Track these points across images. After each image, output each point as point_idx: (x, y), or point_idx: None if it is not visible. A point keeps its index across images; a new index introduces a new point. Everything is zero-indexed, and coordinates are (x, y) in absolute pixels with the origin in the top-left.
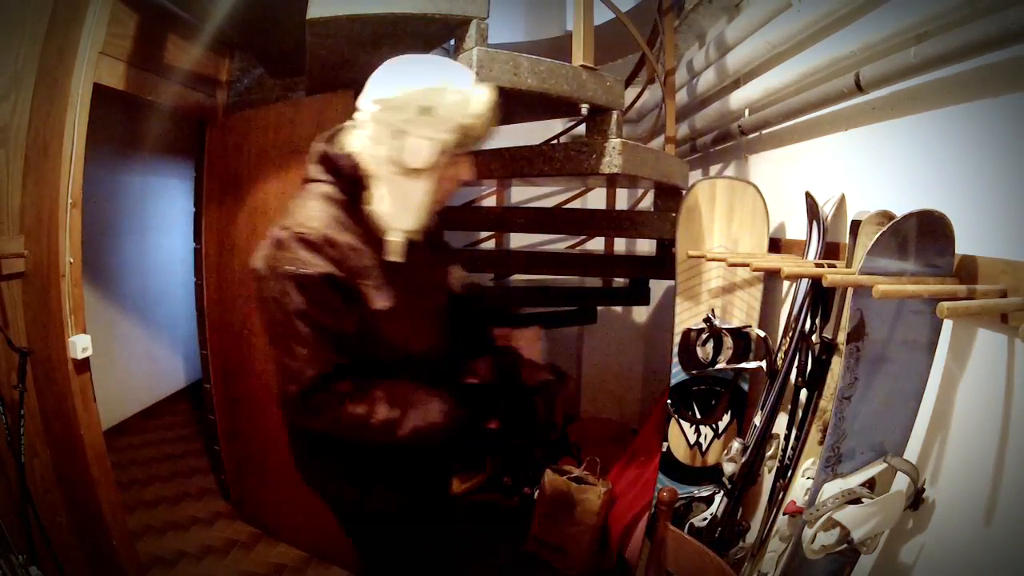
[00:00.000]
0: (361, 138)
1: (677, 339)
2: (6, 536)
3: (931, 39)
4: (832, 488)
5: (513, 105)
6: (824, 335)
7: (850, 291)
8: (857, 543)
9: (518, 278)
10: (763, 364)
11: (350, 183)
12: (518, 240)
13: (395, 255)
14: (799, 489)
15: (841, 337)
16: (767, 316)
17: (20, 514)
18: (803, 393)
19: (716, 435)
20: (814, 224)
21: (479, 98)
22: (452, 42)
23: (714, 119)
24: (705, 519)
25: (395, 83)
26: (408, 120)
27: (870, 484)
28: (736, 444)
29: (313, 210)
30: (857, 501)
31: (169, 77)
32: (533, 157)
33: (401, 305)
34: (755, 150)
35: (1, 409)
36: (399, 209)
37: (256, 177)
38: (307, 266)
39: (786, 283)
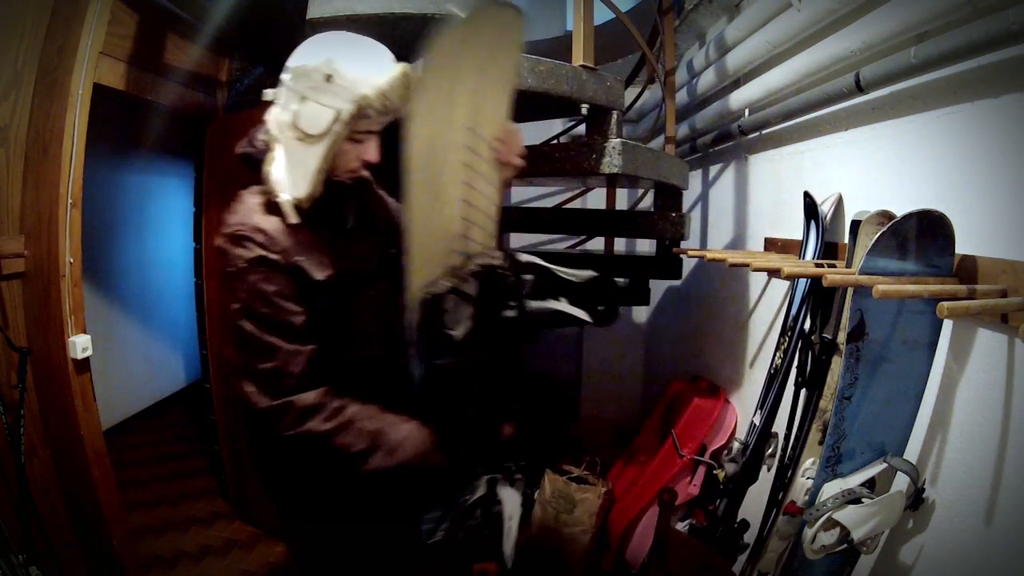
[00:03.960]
0: (272, 110)
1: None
2: (6, 536)
3: (931, 39)
4: (832, 488)
5: (513, 105)
6: (824, 335)
7: (850, 291)
8: (857, 543)
9: None
10: (586, 315)
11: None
12: (518, 240)
13: (292, 217)
14: (799, 489)
15: (841, 337)
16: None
17: (20, 514)
18: (803, 393)
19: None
20: (812, 224)
21: (386, 73)
22: None
23: (714, 119)
24: None
25: (308, 53)
26: (312, 86)
27: (870, 484)
28: (736, 444)
29: (235, 207)
30: (857, 501)
31: (169, 77)
32: (533, 157)
33: (347, 286)
34: (755, 150)
35: (1, 409)
36: (294, 174)
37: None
38: (242, 260)
39: (785, 283)
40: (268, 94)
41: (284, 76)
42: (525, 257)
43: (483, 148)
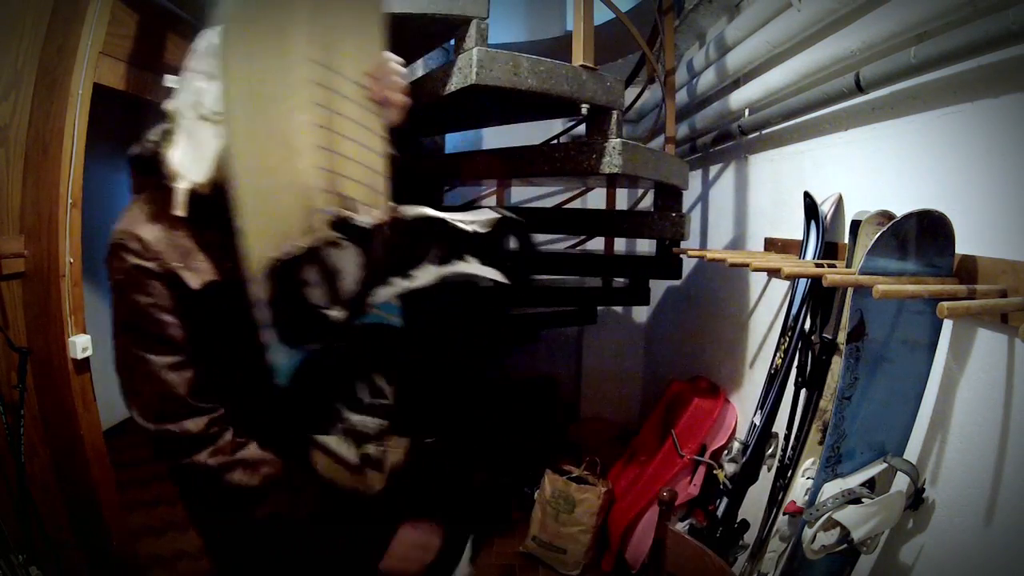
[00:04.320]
0: (172, 97)
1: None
2: (6, 536)
3: (931, 39)
4: (832, 488)
5: (513, 105)
6: (824, 335)
7: (850, 291)
8: (857, 543)
9: None
10: (500, 275)
11: (158, 161)
12: None
13: (180, 208)
14: (799, 489)
15: (841, 337)
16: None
17: (20, 514)
18: (803, 393)
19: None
20: (812, 224)
21: None
22: (452, 42)
23: (714, 119)
24: None
25: (217, 35)
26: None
27: (870, 484)
28: (736, 444)
29: (122, 214)
30: (857, 501)
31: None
32: (533, 157)
33: (236, 291)
34: (755, 150)
35: (1, 409)
36: (194, 157)
37: None
38: (118, 272)
39: (785, 283)
40: (169, 80)
41: (188, 61)
42: (413, 210)
43: (347, 87)
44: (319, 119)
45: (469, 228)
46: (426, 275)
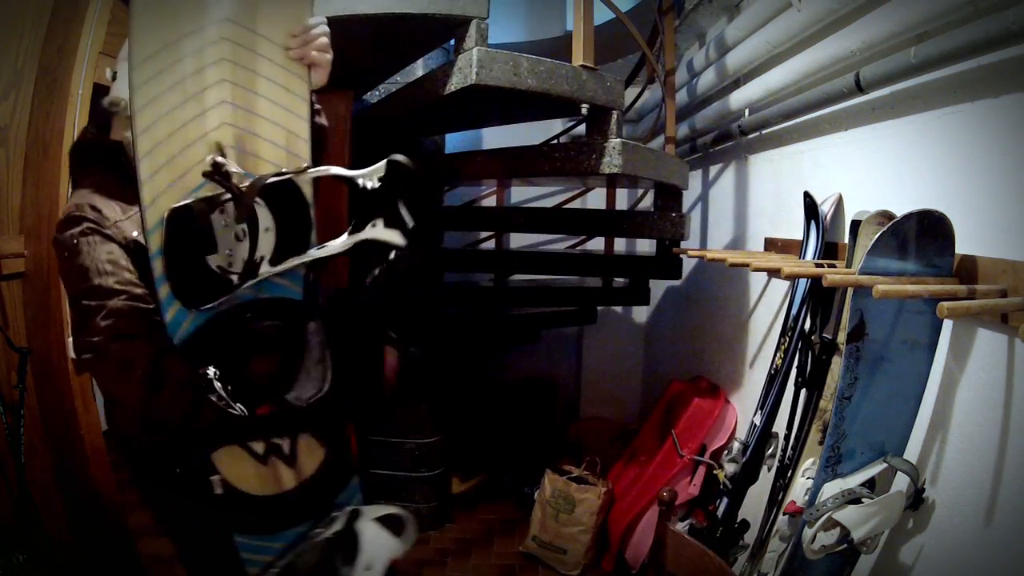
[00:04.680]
0: (114, 87)
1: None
2: (6, 536)
3: (931, 39)
4: (832, 488)
5: (513, 105)
6: (824, 335)
7: (850, 291)
8: (857, 543)
9: (518, 278)
10: (399, 236)
11: (111, 140)
12: (518, 240)
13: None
14: (799, 489)
15: (841, 337)
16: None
17: (20, 514)
18: (803, 393)
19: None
20: (812, 224)
21: None
22: (452, 42)
23: (714, 119)
24: None
25: None
26: None
27: (870, 484)
28: (736, 444)
29: (72, 197)
30: (857, 501)
31: None
32: (533, 157)
33: None
34: (755, 150)
35: (1, 409)
36: None
37: None
38: (73, 237)
39: (785, 283)
40: (110, 71)
41: (123, 50)
42: (321, 171)
43: (266, 47)
44: (229, 75)
45: (370, 183)
46: (338, 243)
